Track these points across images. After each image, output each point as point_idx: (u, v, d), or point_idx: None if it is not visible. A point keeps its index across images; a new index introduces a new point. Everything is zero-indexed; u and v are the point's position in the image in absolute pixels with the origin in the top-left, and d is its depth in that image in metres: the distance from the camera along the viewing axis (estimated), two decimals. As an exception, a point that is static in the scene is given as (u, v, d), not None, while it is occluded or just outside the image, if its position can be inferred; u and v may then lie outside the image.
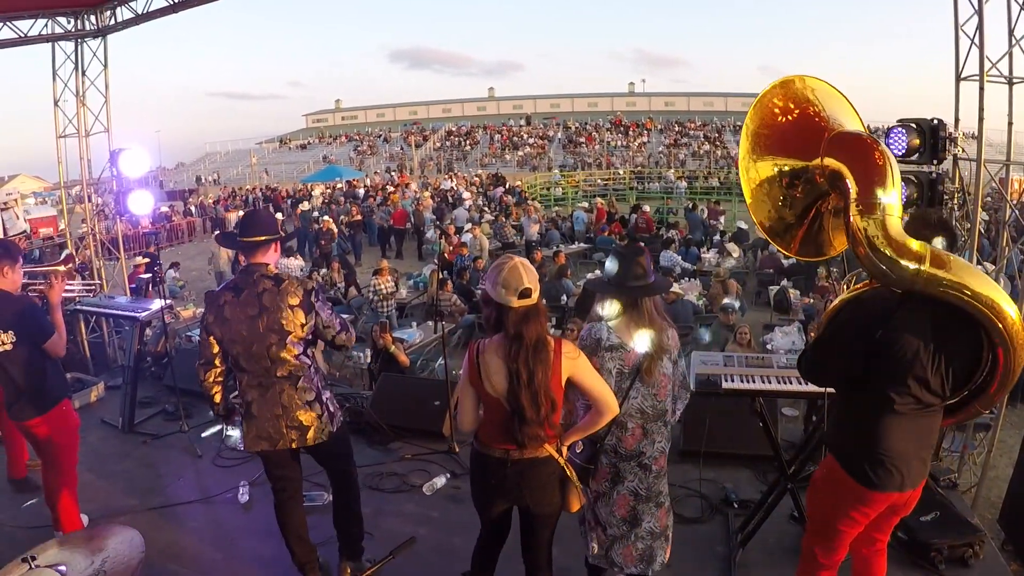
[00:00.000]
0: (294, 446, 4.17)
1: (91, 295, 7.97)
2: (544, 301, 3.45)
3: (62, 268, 6.33)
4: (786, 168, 3.78)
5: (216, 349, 4.10)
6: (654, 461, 3.57)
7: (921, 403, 3.17)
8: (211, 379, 4.17)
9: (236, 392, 4.26)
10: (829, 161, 3.51)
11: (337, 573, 4.59)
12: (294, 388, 4.10)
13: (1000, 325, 3.01)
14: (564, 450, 3.50)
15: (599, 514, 3.65)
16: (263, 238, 4.07)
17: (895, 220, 3.22)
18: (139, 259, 15.17)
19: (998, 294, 3.03)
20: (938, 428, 3.36)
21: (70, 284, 7.39)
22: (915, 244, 3.12)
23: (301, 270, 15.36)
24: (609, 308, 3.56)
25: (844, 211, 3.35)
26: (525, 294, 3.22)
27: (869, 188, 3.28)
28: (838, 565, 3.59)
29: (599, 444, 3.53)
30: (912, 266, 3.08)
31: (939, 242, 3.21)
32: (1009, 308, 3.02)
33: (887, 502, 3.32)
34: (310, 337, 4.15)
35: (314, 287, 4.12)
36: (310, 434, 4.15)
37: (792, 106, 3.76)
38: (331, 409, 4.29)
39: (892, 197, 3.25)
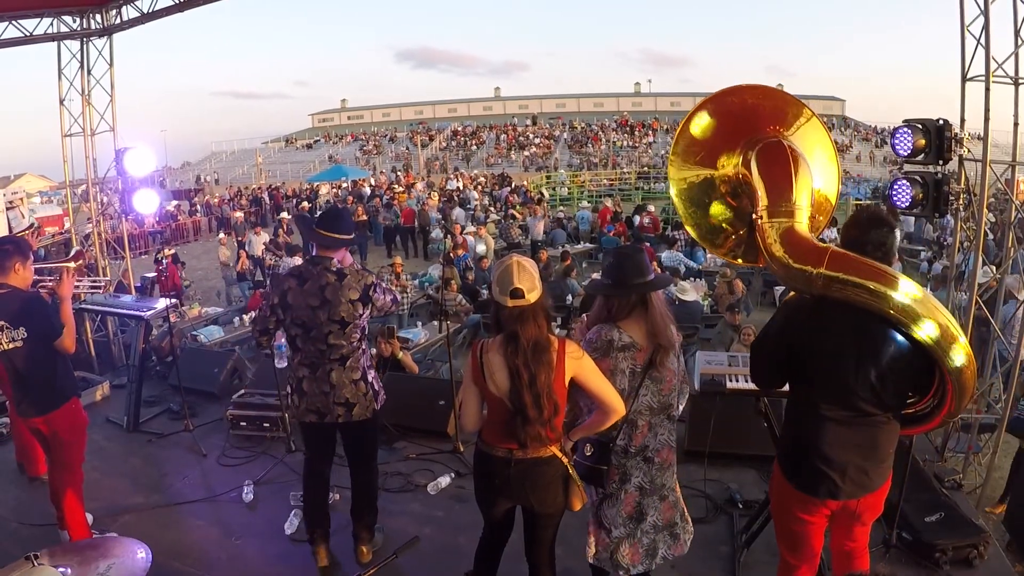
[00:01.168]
0: (340, 420, 4.49)
1: (100, 291, 8.00)
2: (551, 301, 3.45)
3: (72, 264, 6.36)
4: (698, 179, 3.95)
5: (273, 323, 4.52)
6: (656, 454, 3.56)
7: (854, 410, 3.12)
8: (264, 342, 4.75)
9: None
10: (740, 169, 3.62)
11: (355, 556, 4.76)
12: (343, 368, 4.44)
13: (920, 332, 2.93)
14: (568, 450, 3.51)
15: (603, 516, 3.63)
16: (341, 237, 4.46)
17: (800, 224, 3.30)
18: (167, 250, 15.44)
19: (918, 301, 2.93)
20: (888, 440, 3.23)
21: (79, 280, 7.43)
22: (816, 247, 3.14)
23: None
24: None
25: (754, 214, 3.46)
26: (516, 294, 3.24)
27: (777, 193, 3.36)
28: (811, 563, 3.52)
29: (611, 445, 3.50)
30: (804, 268, 3.10)
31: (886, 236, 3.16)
32: (933, 313, 2.92)
33: (825, 508, 3.27)
34: (366, 324, 4.55)
35: (373, 282, 4.46)
36: (356, 410, 4.49)
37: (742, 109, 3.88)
38: (376, 388, 4.63)
39: (801, 200, 3.34)
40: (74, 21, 9.63)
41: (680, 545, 3.69)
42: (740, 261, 4.15)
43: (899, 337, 2.99)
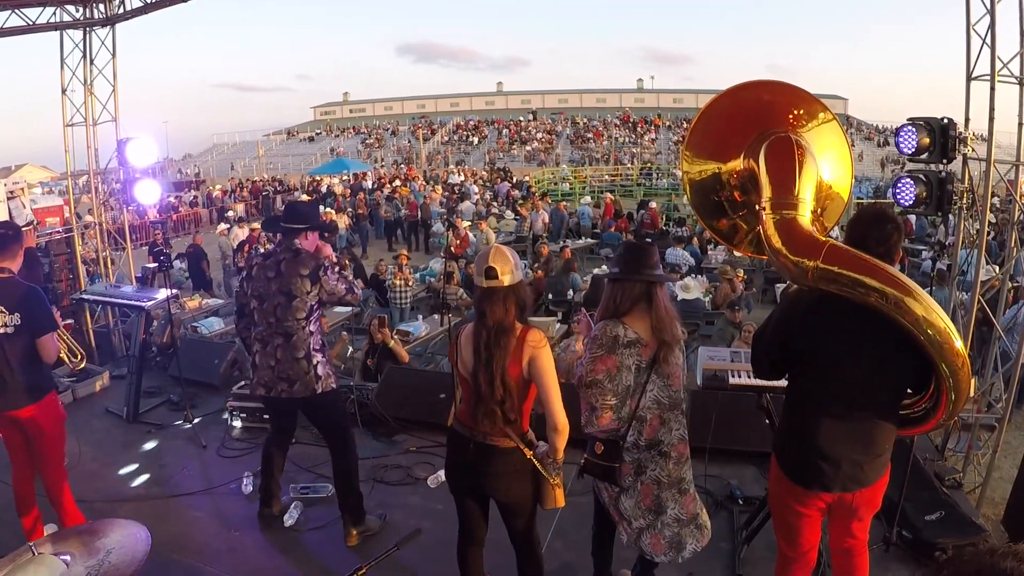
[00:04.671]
0: (284, 396, 4.73)
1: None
2: (529, 294, 3.49)
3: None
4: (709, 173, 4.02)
5: (246, 300, 4.84)
6: (672, 448, 3.58)
7: (849, 405, 3.15)
8: (242, 325, 5.01)
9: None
10: (749, 162, 3.66)
11: (344, 538, 4.90)
12: (287, 345, 4.68)
13: (916, 332, 2.92)
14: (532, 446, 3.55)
15: (623, 509, 3.62)
16: (300, 225, 4.78)
17: (802, 217, 3.34)
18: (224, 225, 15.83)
19: (915, 301, 2.91)
20: (884, 436, 3.23)
21: None
22: (815, 240, 3.18)
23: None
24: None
25: (759, 209, 3.50)
26: (489, 273, 3.34)
27: (781, 185, 3.41)
28: (807, 556, 3.55)
29: (621, 442, 3.52)
30: (800, 260, 3.14)
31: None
32: (929, 314, 2.90)
33: (819, 501, 3.30)
34: (315, 303, 4.76)
35: (326, 264, 4.75)
36: (297, 387, 4.70)
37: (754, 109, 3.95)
38: (319, 372, 4.77)
39: (804, 194, 3.39)
40: (77, 10, 9.59)
41: (704, 535, 3.74)
42: (750, 253, 4.19)
43: (895, 336, 2.99)
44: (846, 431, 3.16)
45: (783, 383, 4.48)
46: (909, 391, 3.30)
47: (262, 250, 14.18)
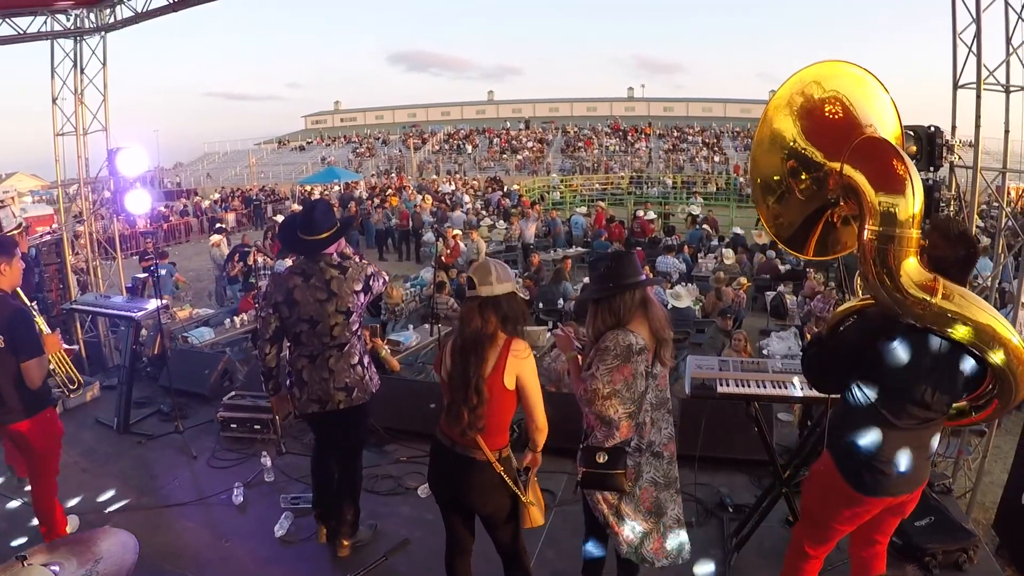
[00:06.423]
0: (341, 407, 4.60)
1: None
2: (518, 307, 3.51)
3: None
4: (802, 152, 3.68)
5: (275, 326, 4.57)
6: (664, 447, 3.59)
7: (919, 420, 3.21)
8: (272, 353, 4.62)
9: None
10: (849, 171, 3.32)
11: (336, 548, 4.88)
12: (341, 354, 4.57)
13: (995, 358, 3.02)
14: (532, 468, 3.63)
15: (625, 514, 3.58)
16: (328, 236, 4.54)
17: (914, 248, 3.10)
18: (217, 236, 16.41)
19: (1000, 325, 3.00)
20: (935, 435, 3.37)
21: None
22: (926, 274, 3.04)
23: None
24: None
25: (859, 228, 3.22)
26: (468, 284, 3.46)
27: (894, 207, 3.11)
28: (824, 556, 3.66)
29: (626, 448, 3.50)
30: (922, 297, 3.00)
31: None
32: (1011, 336, 3.00)
33: (880, 506, 3.35)
34: (363, 311, 4.72)
35: (372, 272, 4.70)
36: (355, 394, 4.63)
37: (834, 97, 3.66)
38: (370, 373, 4.78)
39: (913, 216, 3.08)
40: (68, 19, 9.58)
41: None
42: (789, 248, 4.10)
43: (973, 361, 3.10)
44: (909, 441, 3.25)
45: (769, 391, 4.52)
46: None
47: (261, 261, 14.20)
